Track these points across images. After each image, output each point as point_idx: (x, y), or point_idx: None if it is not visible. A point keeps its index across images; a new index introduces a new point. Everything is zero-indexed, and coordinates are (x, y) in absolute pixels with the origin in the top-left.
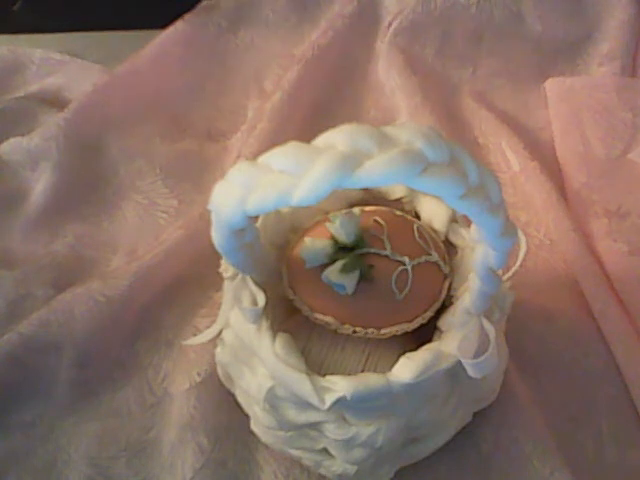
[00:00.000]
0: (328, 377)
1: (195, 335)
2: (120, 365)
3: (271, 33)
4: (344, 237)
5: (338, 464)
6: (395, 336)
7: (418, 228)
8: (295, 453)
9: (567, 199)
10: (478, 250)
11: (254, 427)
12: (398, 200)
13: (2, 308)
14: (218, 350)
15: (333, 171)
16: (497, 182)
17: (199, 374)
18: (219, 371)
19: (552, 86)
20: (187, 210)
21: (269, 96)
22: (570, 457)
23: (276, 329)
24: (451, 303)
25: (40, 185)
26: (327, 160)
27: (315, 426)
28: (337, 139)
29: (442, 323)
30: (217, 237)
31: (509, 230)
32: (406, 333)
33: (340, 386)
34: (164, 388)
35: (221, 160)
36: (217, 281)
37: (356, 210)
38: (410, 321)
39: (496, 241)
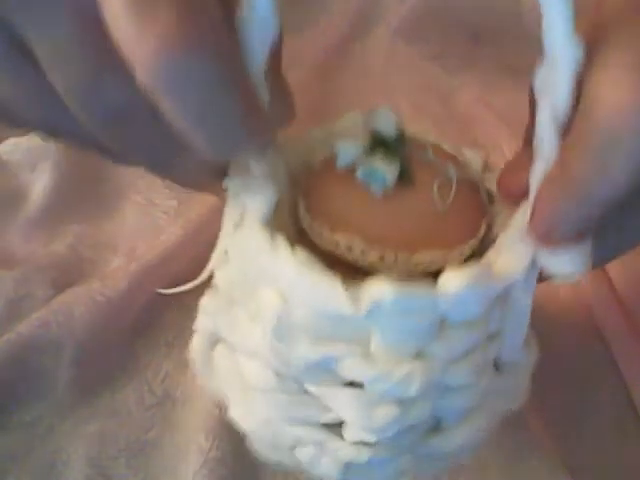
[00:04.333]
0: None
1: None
2: (120, 365)
3: None
4: (384, 130)
5: (347, 446)
6: (425, 277)
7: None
8: (293, 459)
9: None
10: (541, 105)
11: (234, 412)
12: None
13: (2, 308)
14: (205, 301)
15: None
16: None
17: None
18: (195, 355)
19: None
20: (187, 210)
21: None
22: (570, 457)
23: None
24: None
25: (40, 185)
26: None
27: (331, 364)
28: None
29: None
30: None
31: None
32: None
33: (379, 289)
34: (164, 388)
35: None
36: None
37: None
38: (449, 247)
39: (569, 40)
